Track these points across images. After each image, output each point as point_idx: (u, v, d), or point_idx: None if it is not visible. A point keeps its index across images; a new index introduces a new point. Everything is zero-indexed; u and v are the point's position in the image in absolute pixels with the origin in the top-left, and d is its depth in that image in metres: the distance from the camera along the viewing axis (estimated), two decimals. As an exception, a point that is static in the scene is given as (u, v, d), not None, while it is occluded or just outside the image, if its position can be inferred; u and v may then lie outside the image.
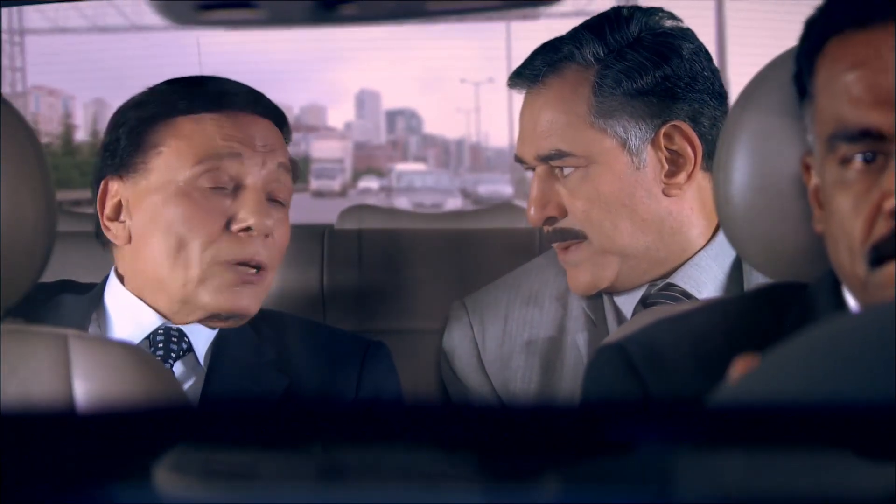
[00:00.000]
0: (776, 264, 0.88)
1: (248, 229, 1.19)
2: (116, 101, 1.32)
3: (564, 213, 1.26)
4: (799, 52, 0.82)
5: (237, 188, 1.21)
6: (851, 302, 0.80)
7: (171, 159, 1.21)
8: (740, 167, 0.86)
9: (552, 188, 1.27)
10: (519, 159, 1.31)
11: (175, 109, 1.22)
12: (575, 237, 1.26)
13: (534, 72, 1.27)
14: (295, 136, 1.35)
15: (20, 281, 0.88)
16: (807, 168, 0.83)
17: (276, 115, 1.27)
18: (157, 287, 1.21)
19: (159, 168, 1.22)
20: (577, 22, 1.30)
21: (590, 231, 1.25)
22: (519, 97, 1.31)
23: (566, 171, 1.25)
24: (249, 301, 1.21)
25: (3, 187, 0.85)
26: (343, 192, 33.98)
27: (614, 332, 1.13)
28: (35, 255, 0.88)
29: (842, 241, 0.77)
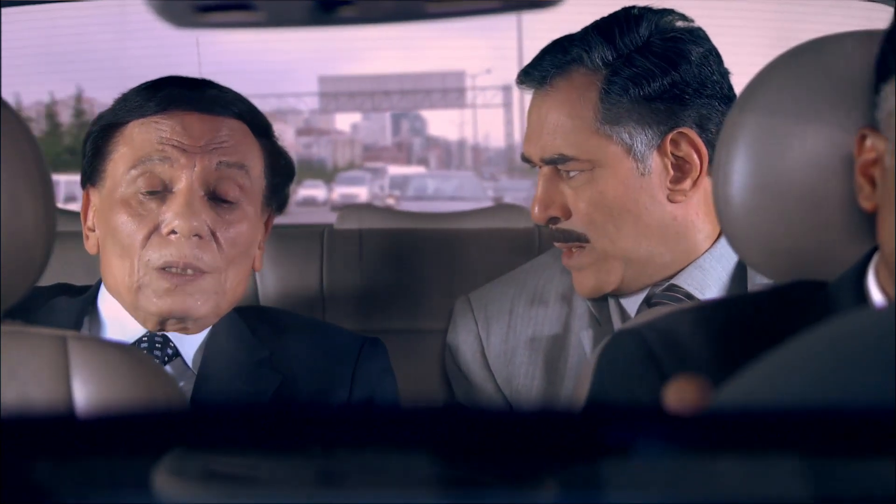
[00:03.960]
0: (775, 265, 0.88)
1: (173, 232, 1.18)
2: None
3: (568, 213, 1.26)
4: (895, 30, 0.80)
5: (168, 191, 1.19)
6: (877, 298, 0.79)
7: (118, 165, 1.21)
8: (739, 168, 0.86)
9: (557, 188, 1.26)
10: (526, 158, 1.30)
11: (129, 115, 1.22)
12: (577, 240, 1.26)
13: (542, 73, 1.26)
14: None
15: (19, 281, 0.88)
16: (861, 140, 0.80)
17: (238, 113, 1.23)
18: (118, 294, 1.22)
19: (110, 175, 1.22)
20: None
21: (592, 234, 1.25)
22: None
23: (571, 172, 1.24)
24: (190, 302, 1.18)
25: (2, 187, 0.85)
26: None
27: (620, 328, 1.12)
28: (35, 256, 0.88)
29: None
